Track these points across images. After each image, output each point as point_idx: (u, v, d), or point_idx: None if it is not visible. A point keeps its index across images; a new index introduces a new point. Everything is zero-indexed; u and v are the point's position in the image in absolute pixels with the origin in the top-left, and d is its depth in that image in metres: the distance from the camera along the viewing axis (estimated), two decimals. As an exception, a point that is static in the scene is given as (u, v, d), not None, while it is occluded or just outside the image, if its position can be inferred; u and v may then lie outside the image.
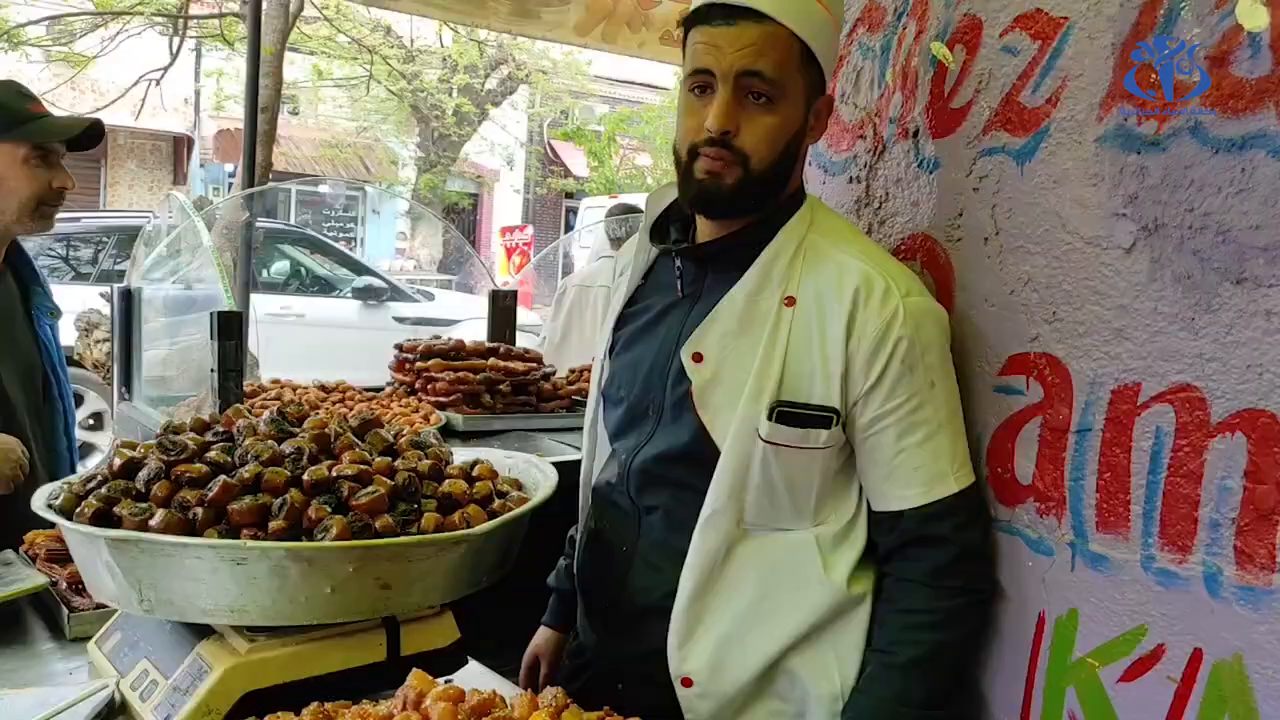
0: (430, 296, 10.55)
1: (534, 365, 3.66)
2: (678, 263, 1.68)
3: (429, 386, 3.48)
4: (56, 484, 1.61)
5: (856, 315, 1.51)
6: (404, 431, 1.79)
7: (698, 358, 1.59)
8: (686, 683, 1.64)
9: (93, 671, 1.68)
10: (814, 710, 1.62)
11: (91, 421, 7.10)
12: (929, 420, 1.55)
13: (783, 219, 1.61)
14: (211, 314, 2.56)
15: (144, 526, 1.42)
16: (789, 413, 1.54)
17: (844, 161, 1.96)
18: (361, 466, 1.55)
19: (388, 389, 3.63)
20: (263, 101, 6.53)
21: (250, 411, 1.72)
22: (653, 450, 1.69)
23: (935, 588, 1.55)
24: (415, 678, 1.13)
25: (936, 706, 1.55)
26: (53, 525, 2.13)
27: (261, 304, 7.91)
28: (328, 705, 1.17)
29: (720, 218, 1.62)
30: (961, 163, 1.69)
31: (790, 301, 1.55)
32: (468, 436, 3.21)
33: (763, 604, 1.61)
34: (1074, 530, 1.51)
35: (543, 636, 2.03)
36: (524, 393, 3.63)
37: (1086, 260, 1.51)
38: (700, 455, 1.61)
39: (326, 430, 1.64)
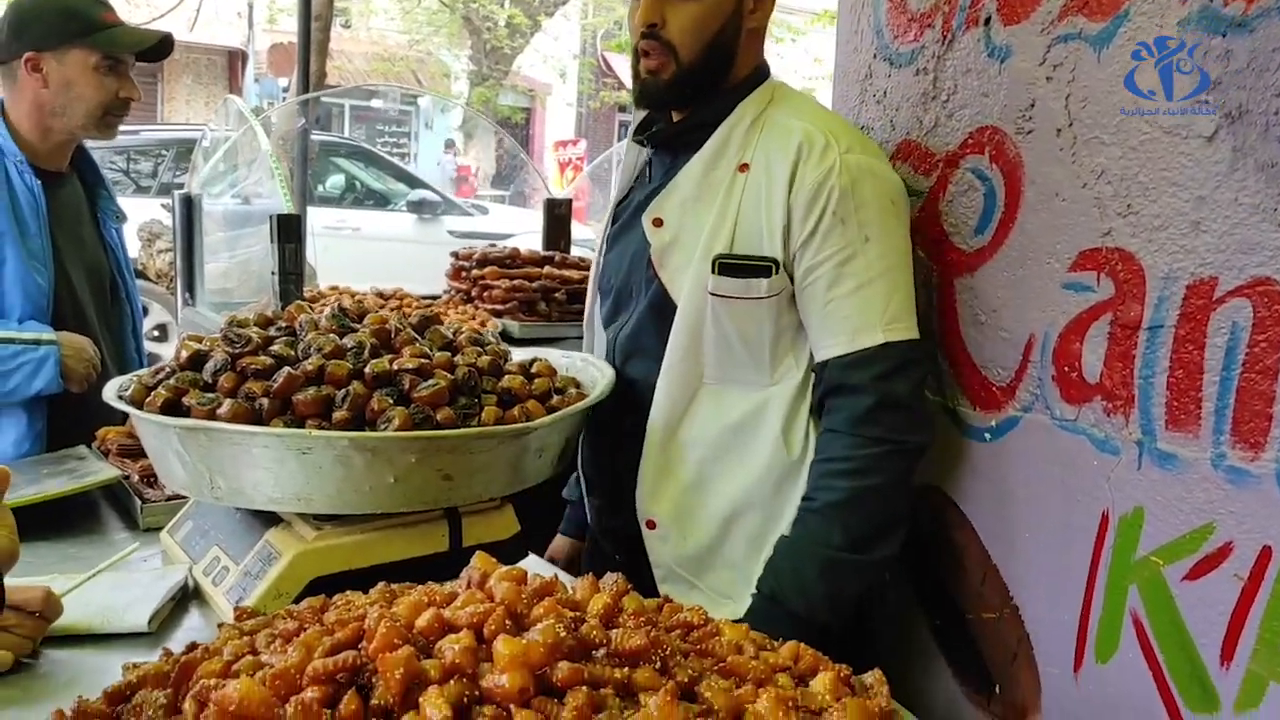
0: (484, 210, 10.55)
1: (589, 273, 3.65)
2: (649, 152, 1.81)
3: (485, 294, 3.49)
4: (126, 377, 1.64)
5: (798, 169, 1.58)
6: (462, 330, 1.80)
7: (658, 223, 1.70)
8: (650, 525, 1.76)
9: (166, 559, 1.73)
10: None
11: (156, 333, 7.25)
12: (859, 273, 1.59)
13: (742, 97, 1.68)
14: (271, 217, 2.57)
15: (212, 416, 1.45)
16: (729, 264, 1.63)
17: (910, 53, 1.89)
18: (422, 360, 1.56)
19: (444, 297, 3.65)
20: (316, 9, 6.49)
21: (311, 308, 1.73)
22: (633, 325, 1.80)
23: (853, 435, 1.59)
24: (479, 559, 1.14)
25: (858, 550, 1.58)
26: (124, 422, 2.19)
27: (318, 218, 7.97)
28: (394, 586, 1.19)
29: (662, 109, 1.74)
30: (1035, 51, 1.63)
31: (744, 168, 1.65)
32: (523, 344, 3.21)
33: (724, 456, 1.70)
34: (1142, 428, 1.48)
35: (558, 544, 2.12)
36: (579, 301, 3.63)
37: (1164, 151, 1.45)
38: (667, 318, 1.71)
39: (387, 326, 1.65)
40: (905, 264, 1.65)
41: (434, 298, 3.60)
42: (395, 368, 1.53)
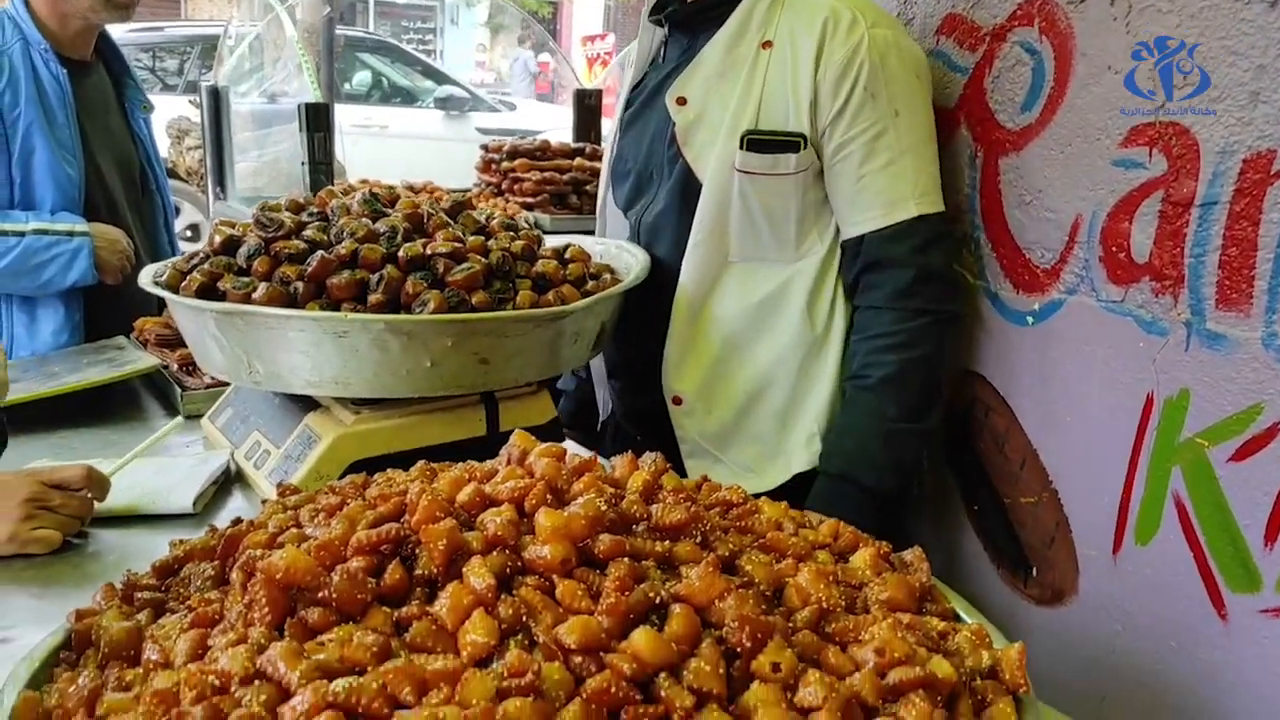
0: (512, 107, 10.40)
1: (620, 165, 3.59)
2: (664, 34, 1.79)
3: (515, 187, 3.45)
4: (161, 263, 1.64)
5: (824, 45, 1.56)
6: (495, 215, 1.78)
7: (681, 101, 1.69)
8: (677, 401, 1.78)
9: (207, 445, 1.75)
10: (791, 451, 1.71)
11: (189, 234, 7.27)
12: (891, 146, 1.59)
13: None
14: (300, 106, 2.53)
15: (247, 300, 1.44)
16: (758, 140, 1.61)
17: (957, -79, 1.81)
18: (455, 244, 1.54)
19: (474, 190, 3.61)
20: (337, -102, 6.31)
21: (343, 195, 1.71)
22: (656, 206, 1.78)
23: (897, 309, 1.61)
24: (519, 437, 1.14)
25: (914, 419, 1.61)
26: (160, 313, 2.20)
27: (345, 115, 7.87)
28: (433, 465, 1.20)
29: None
30: (1090, -86, 1.55)
31: (767, 45, 1.63)
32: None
33: (749, 332, 1.71)
34: (1191, 308, 1.45)
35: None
36: (611, 193, 3.59)
37: (1224, 18, 1.38)
38: (692, 198, 1.69)
39: (419, 210, 1.63)
40: (931, 137, 1.65)
41: (464, 192, 3.56)
42: (429, 251, 1.52)
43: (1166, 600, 1.51)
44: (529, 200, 3.38)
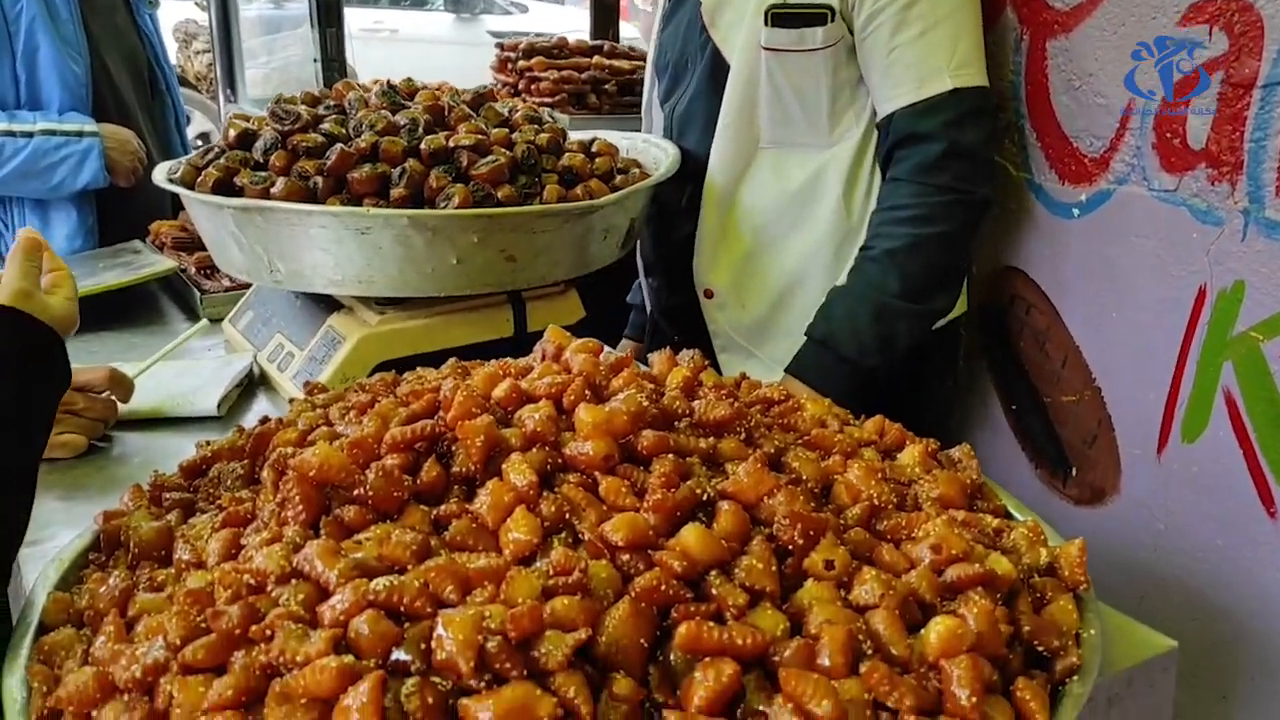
0: (524, 9, 10.15)
1: (640, 64, 3.48)
2: None
3: (532, 87, 3.35)
4: (174, 161, 1.59)
5: None
6: (518, 108, 1.71)
7: None
8: (709, 294, 1.73)
9: (229, 348, 1.72)
10: None
11: (199, 142, 7.16)
12: (924, 16, 1.49)
13: None
14: (310, 1, 2.44)
15: (266, 195, 1.39)
16: (782, 14, 1.53)
17: None
18: (479, 137, 1.48)
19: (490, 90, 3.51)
20: None
21: (360, 86, 1.65)
22: (688, 94, 1.72)
23: (919, 183, 1.51)
24: (552, 333, 1.10)
25: (914, 299, 1.52)
26: (176, 216, 2.15)
27: (354, 19, 7.69)
28: (465, 363, 1.16)
29: None
30: None
31: None
32: (575, 136, 3.11)
33: (783, 223, 1.65)
34: (1249, 196, 1.38)
35: (623, 348, 2.07)
36: (630, 93, 3.49)
37: (1297, -118, 1.29)
38: (722, 82, 1.63)
39: (440, 102, 1.57)
40: (972, 5, 1.53)
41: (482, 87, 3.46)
42: (452, 144, 1.46)
43: (1213, 498, 1.47)
44: (546, 100, 3.28)
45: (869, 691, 0.72)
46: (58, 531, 1.14)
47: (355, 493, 0.83)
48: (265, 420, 1.04)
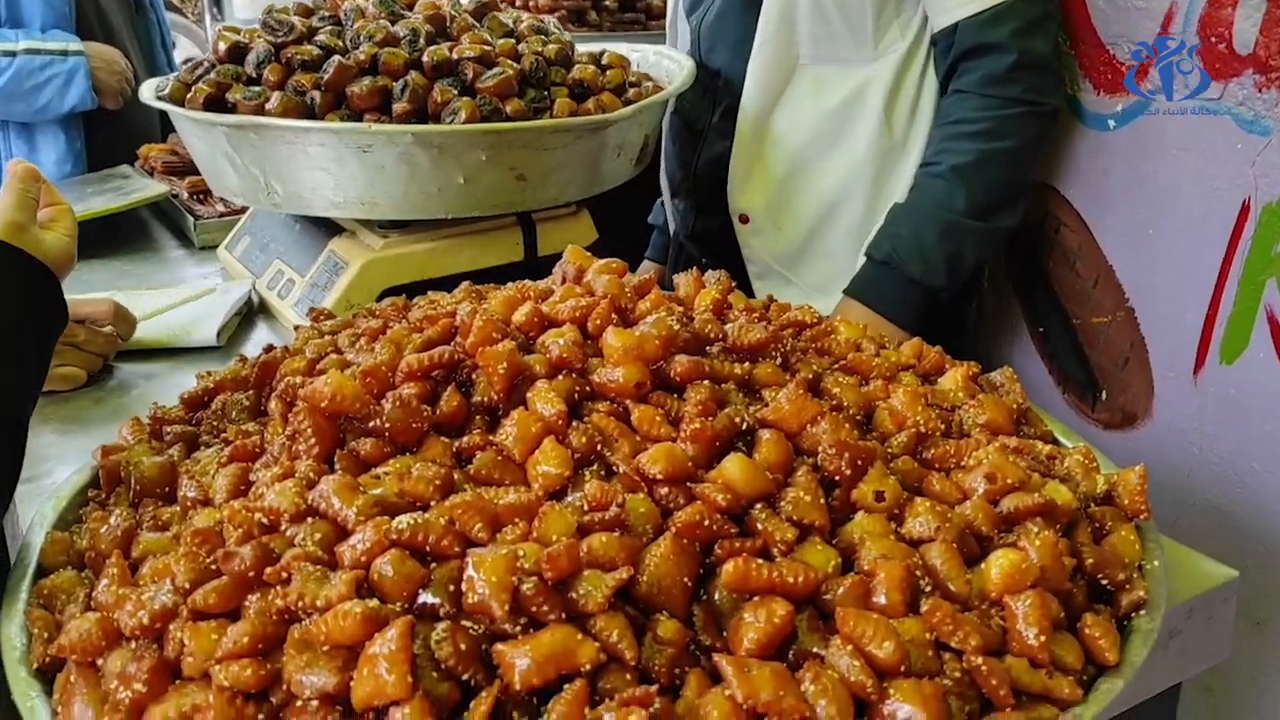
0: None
1: (643, -23, 3.36)
2: None
3: (529, 3, 3.24)
4: (162, 78, 1.50)
5: None
6: (523, 18, 1.62)
7: None
8: (744, 219, 1.65)
9: (226, 275, 1.65)
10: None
11: (186, 67, 6.98)
12: None
13: None
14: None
15: (260, 111, 1.32)
16: None
17: None
18: (484, 48, 1.40)
19: (487, 6, 3.39)
20: None
21: (355, -3, 1.55)
22: (717, 7, 1.62)
23: (987, 96, 1.43)
24: (572, 253, 1.04)
25: (982, 217, 1.44)
26: (165, 140, 2.06)
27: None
28: (479, 287, 1.10)
29: None
30: None
31: None
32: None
33: (822, 143, 1.57)
34: (1300, 104, 1.31)
35: (644, 270, 1.99)
36: (632, 9, 3.38)
37: None
38: None
39: (441, 11, 1.48)
40: None
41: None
42: (456, 56, 1.38)
43: (1251, 420, 1.42)
44: (544, 17, 3.17)
45: (930, 631, 0.67)
46: (54, 467, 1.09)
47: (371, 425, 0.78)
48: (270, 349, 0.98)
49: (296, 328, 1.08)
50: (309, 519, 0.70)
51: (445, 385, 0.82)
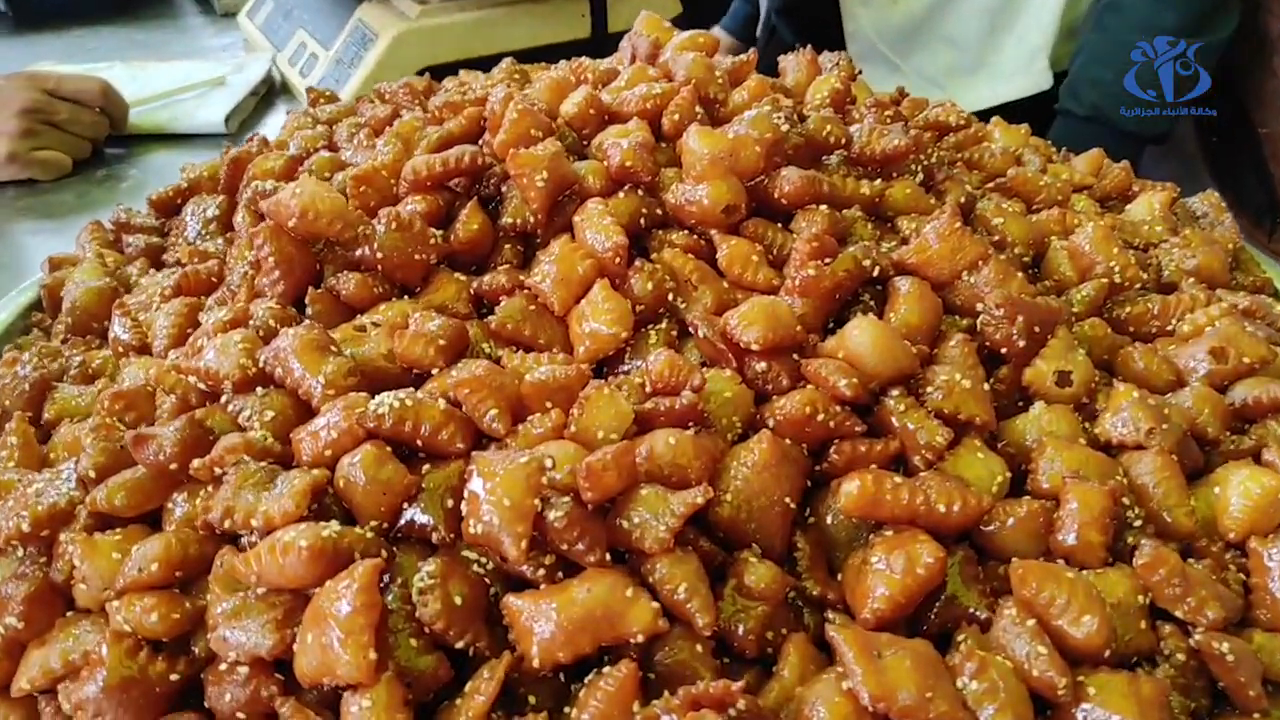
0: None
1: None
2: None
3: None
4: None
5: None
6: None
7: None
8: None
9: (247, 46, 1.42)
10: (1000, 67, 1.30)
11: None
12: None
13: None
14: None
15: None
16: None
17: None
18: None
19: None
20: None
21: None
22: None
23: None
24: (647, 23, 0.78)
25: (1195, 31, 1.15)
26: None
27: None
28: (524, 66, 0.86)
29: None
30: None
31: None
32: None
33: None
34: None
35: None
36: None
37: None
38: None
39: None
40: None
41: None
42: None
43: None
44: None
45: (1144, 592, 0.46)
46: (10, 278, 0.90)
47: (358, 253, 0.56)
48: (257, 140, 0.77)
49: (288, 112, 0.85)
50: (259, 389, 0.50)
51: (466, 200, 0.60)
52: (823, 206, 0.60)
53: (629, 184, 0.60)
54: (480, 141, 0.65)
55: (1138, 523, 0.49)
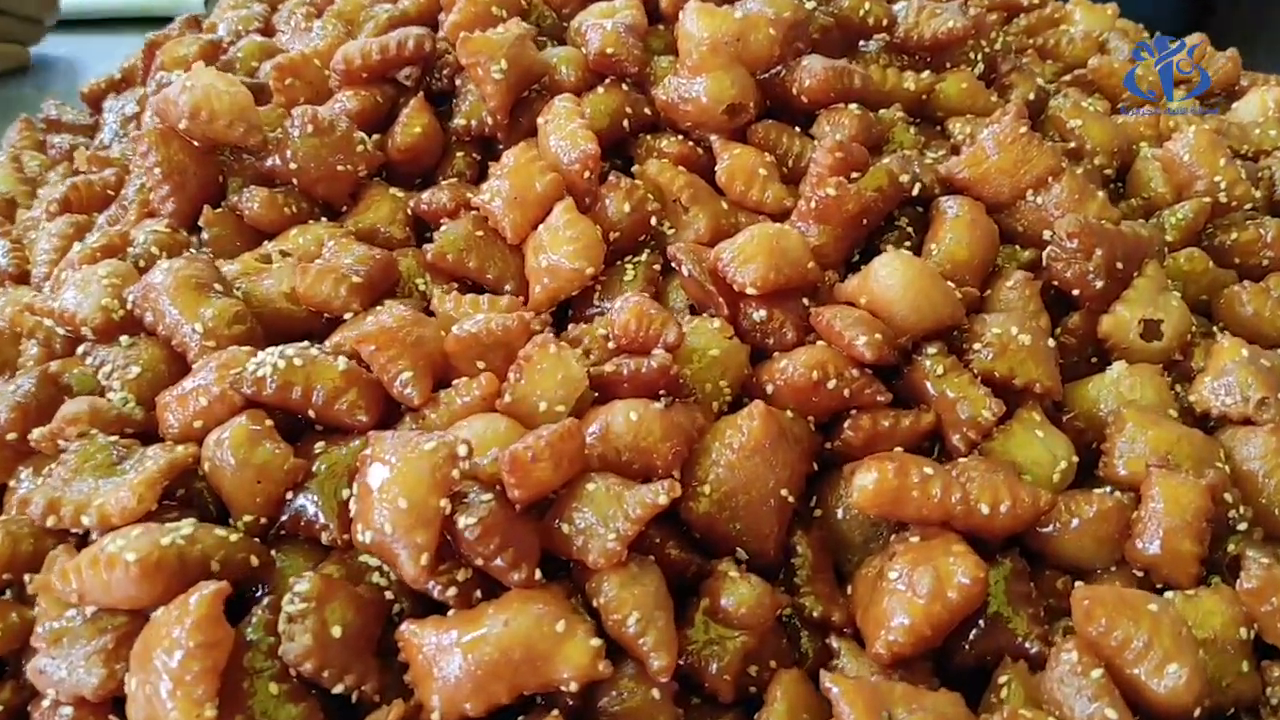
0: None
1: None
2: None
3: None
4: None
5: None
6: None
7: None
8: None
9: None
10: None
11: None
12: None
13: None
14: None
15: None
16: None
17: None
18: None
19: None
20: None
21: None
22: None
23: None
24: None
25: None
26: None
27: None
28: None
29: None
30: None
31: None
32: None
33: None
34: None
35: None
36: None
37: None
38: None
39: None
40: None
41: None
42: None
43: None
44: None
45: (1249, 626, 0.35)
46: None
47: (270, 163, 0.46)
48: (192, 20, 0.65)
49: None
50: (125, 337, 0.40)
51: (411, 97, 0.49)
52: (853, 106, 0.48)
53: (611, 76, 0.48)
54: (436, 23, 0.53)
55: (1242, 525, 0.38)
